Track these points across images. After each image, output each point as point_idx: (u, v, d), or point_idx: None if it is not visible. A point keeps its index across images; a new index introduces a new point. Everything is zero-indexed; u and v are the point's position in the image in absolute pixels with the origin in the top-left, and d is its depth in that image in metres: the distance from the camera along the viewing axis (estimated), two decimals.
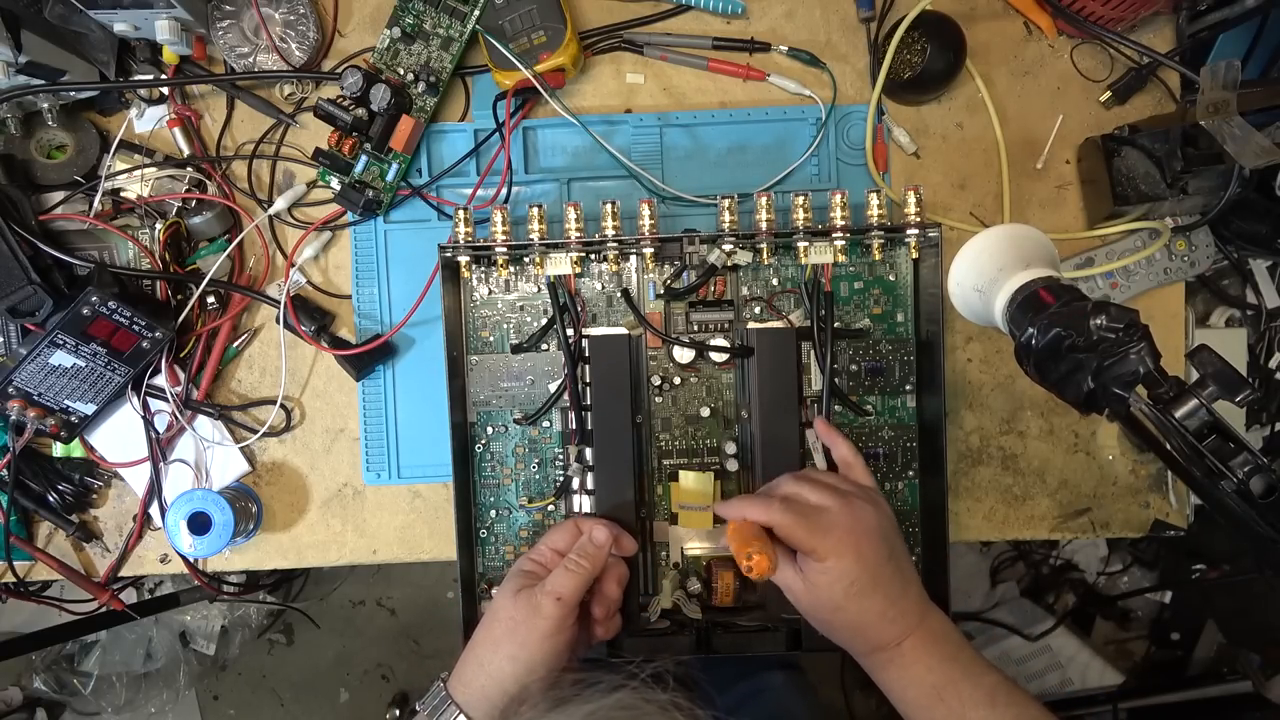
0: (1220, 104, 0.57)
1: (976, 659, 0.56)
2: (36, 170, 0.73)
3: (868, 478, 0.63)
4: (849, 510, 0.57)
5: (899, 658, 0.56)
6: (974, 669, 0.56)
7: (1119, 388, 0.47)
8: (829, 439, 0.66)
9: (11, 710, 1.62)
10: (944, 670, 0.55)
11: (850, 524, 0.56)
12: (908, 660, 0.56)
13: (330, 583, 1.72)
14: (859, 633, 0.57)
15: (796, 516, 0.56)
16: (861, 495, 0.59)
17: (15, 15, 0.64)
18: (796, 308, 0.70)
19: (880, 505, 0.60)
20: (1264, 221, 0.71)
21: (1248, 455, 0.45)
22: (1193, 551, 1.35)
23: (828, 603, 0.56)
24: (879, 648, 0.57)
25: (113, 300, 0.65)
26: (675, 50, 0.74)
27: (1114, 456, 0.75)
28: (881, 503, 0.60)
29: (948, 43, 0.69)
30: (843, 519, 0.56)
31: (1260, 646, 1.31)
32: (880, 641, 0.57)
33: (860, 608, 0.56)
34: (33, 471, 0.73)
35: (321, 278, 0.75)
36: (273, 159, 0.74)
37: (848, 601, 0.56)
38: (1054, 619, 1.51)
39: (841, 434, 0.66)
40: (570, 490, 0.70)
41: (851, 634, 0.57)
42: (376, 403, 0.74)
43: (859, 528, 0.56)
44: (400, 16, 0.70)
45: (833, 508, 0.57)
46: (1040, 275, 0.55)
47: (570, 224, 0.66)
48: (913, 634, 0.56)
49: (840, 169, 0.73)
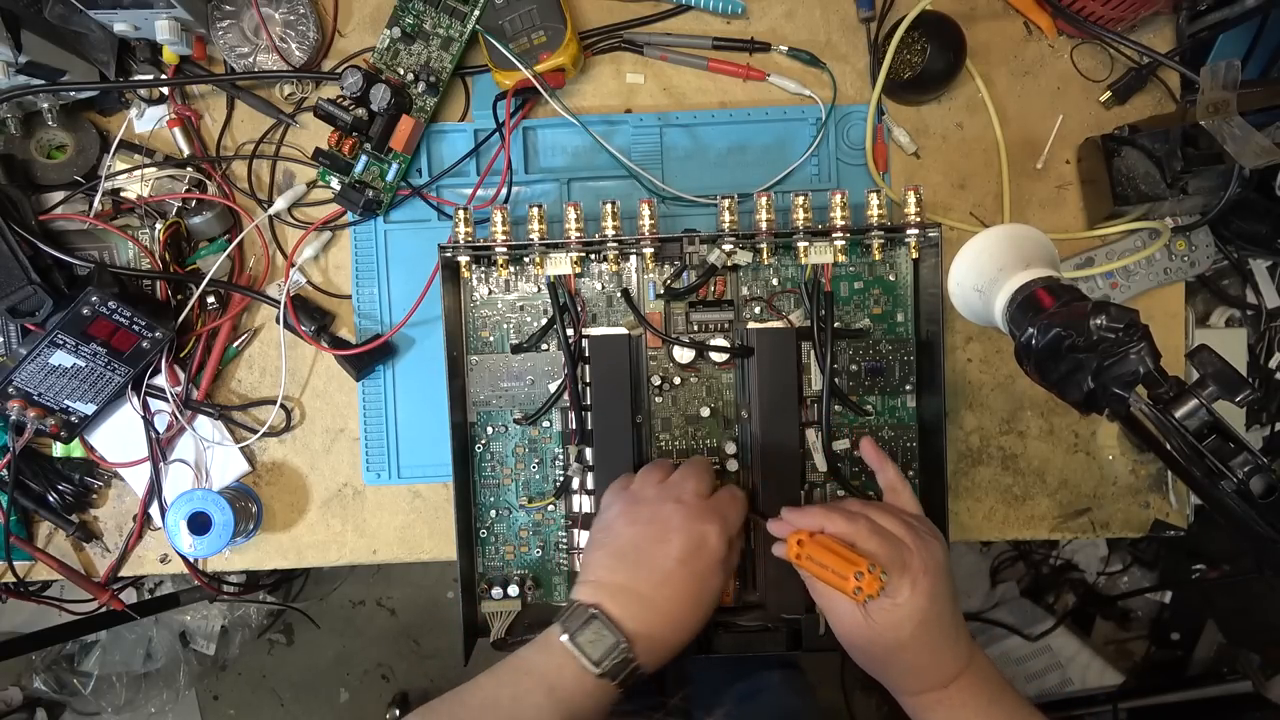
0: (1220, 104, 0.57)
1: (1021, 702, 0.55)
2: (36, 170, 0.73)
3: (917, 505, 0.61)
4: (924, 546, 0.55)
5: (946, 700, 0.55)
6: (1020, 713, 0.55)
7: (1119, 388, 0.47)
8: (877, 462, 0.63)
9: (11, 710, 1.62)
10: (990, 713, 0.54)
11: (925, 560, 0.54)
12: (955, 703, 0.55)
13: (330, 583, 1.72)
14: (914, 673, 0.55)
15: (880, 540, 0.53)
16: (929, 530, 0.57)
17: (15, 15, 0.64)
18: (796, 308, 0.70)
19: (942, 540, 0.58)
20: (1264, 221, 0.71)
21: (1248, 455, 0.45)
22: (1193, 551, 1.35)
23: (891, 641, 0.54)
24: (929, 689, 0.55)
25: (113, 300, 0.65)
26: (675, 50, 0.74)
27: (1114, 456, 0.75)
28: (941, 536, 0.58)
29: (948, 43, 0.69)
30: (919, 554, 0.54)
31: (1260, 646, 1.31)
32: (932, 683, 0.55)
33: (922, 648, 0.54)
34: (33, 471, 0.73)
35: (321, 278, 0.75)
36: (273, 159, 0.74)
37: (913, 640, 0.53)
38: (1054, 619, 1.51)
39: (890, 458, 0.63)
40: (570, 490, 0.70)
41: (904, 673, 0.55)
42: (376, 403, 0.74)
43: (933, 564, 0.54)
44: (400, 16, 0.70)
45: (908, 541, 0.54)
46: (1040, 275, 0.55)
47: (570, 224, 0.66)
48: (961, 675, 0.55)
49: (840, 169, 0.73)
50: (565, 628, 0.53)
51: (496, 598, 0.70)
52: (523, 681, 0.52)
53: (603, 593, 0.54)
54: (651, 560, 0.55)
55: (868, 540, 0.53)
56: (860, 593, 0.51)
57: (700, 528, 0.57)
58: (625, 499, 0.60)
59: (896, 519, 0.56)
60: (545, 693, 0.51)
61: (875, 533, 0.54)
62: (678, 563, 0.55)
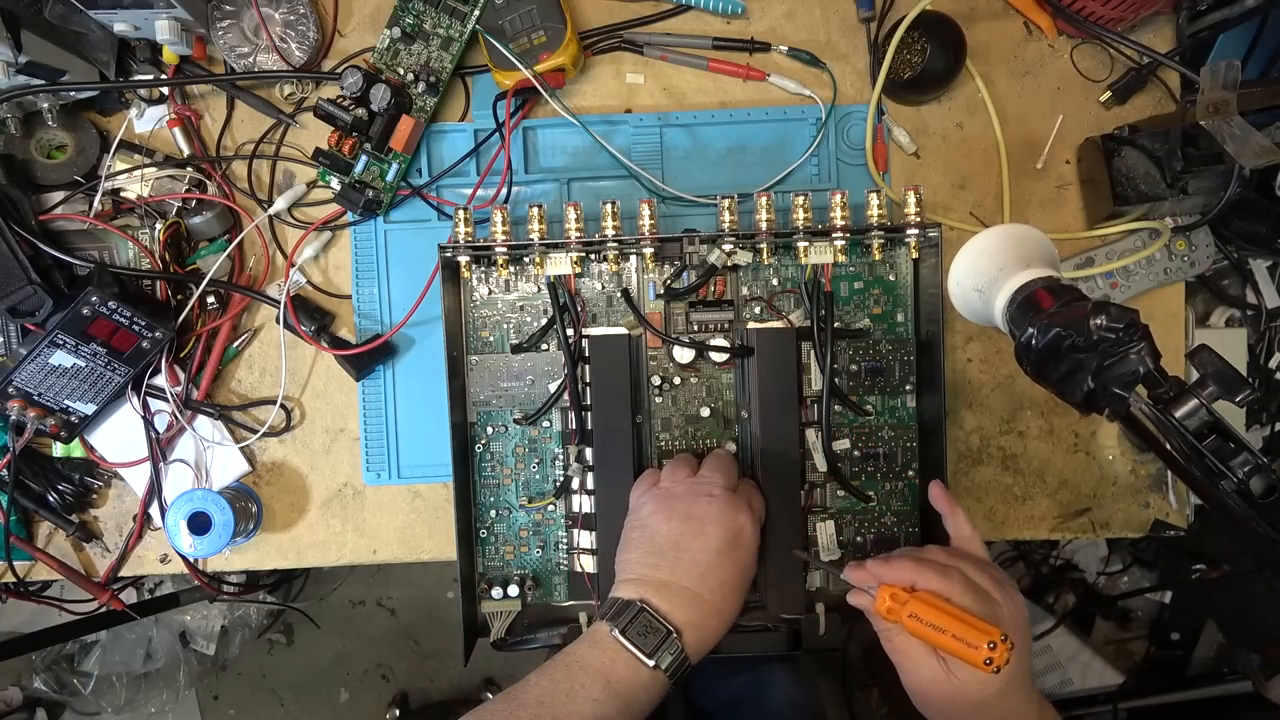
0: (1220, 104, 0.57)
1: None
2: (36, 170, 0.73)
3: (986, 553, 0.59)
4: (1012, 601, 0.53)
5: None
6: None
7: (1119, 388, 0.47)
8: (948, 509, 0.61)
9: (11, 710, 1.62)
10: None
11: (1014, 616, 0.53)
12: None
13: (330, 583, 1.72)
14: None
15: (979, 600, 0.52)
16: (1012, 584, 0.56)
17: (15, 15, 0.64)
18: (796, 308, 0.70)
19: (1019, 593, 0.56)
20: (1264, 221, 0.71)
21: (1248, 455, 0.45)
22: (1193, 551, 1.35)
23: (976, 699, 0.52)
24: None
25: (113, 300, 0.65)
26: (675, 50, 0.73)
27: (1114, 456, 0.75)
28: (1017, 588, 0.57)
29: (948, 43, 0.69)
30: (1008, 611, 0.53)
31: (1260, 646, 1.31)
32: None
33: (1005, 707, 0.53)
34: (33, 471, 0.73)
35: (321, 278, 0.75)
36: (273, 159, 0.74)
37: (998, 698, 0.52)
38: (1054, 619, 1.51)
39: (961, 507, 0.60)
40: (570, 490, 0.70)
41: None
42: (376, 403, 0.74)
43: (1020, 621, 0.53)
44: (400, 16, 0.70)
45: (998, 597, 0.53)
46: (1040, 275, 0.55)
47: (570, 224, 0.66)
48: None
49: (840, 169, 0.73)
50: (614, 623, 0.54)
51: (496, 598, 0.70)
52: (577, 677, 0.53)
53: (647, 588, 0.56)
54: (692, 554, 0.57)
55: (963, 597, 0.52)
56: (991, 663, 0.49)
57: (736, 519, 0.59)
58: (657, 496, 0.61)
59: (985, 574, 0.55)
60: (602, 686, 0.52)
61: (969, 589, 0.52)
62: (718, 554, 0.57)
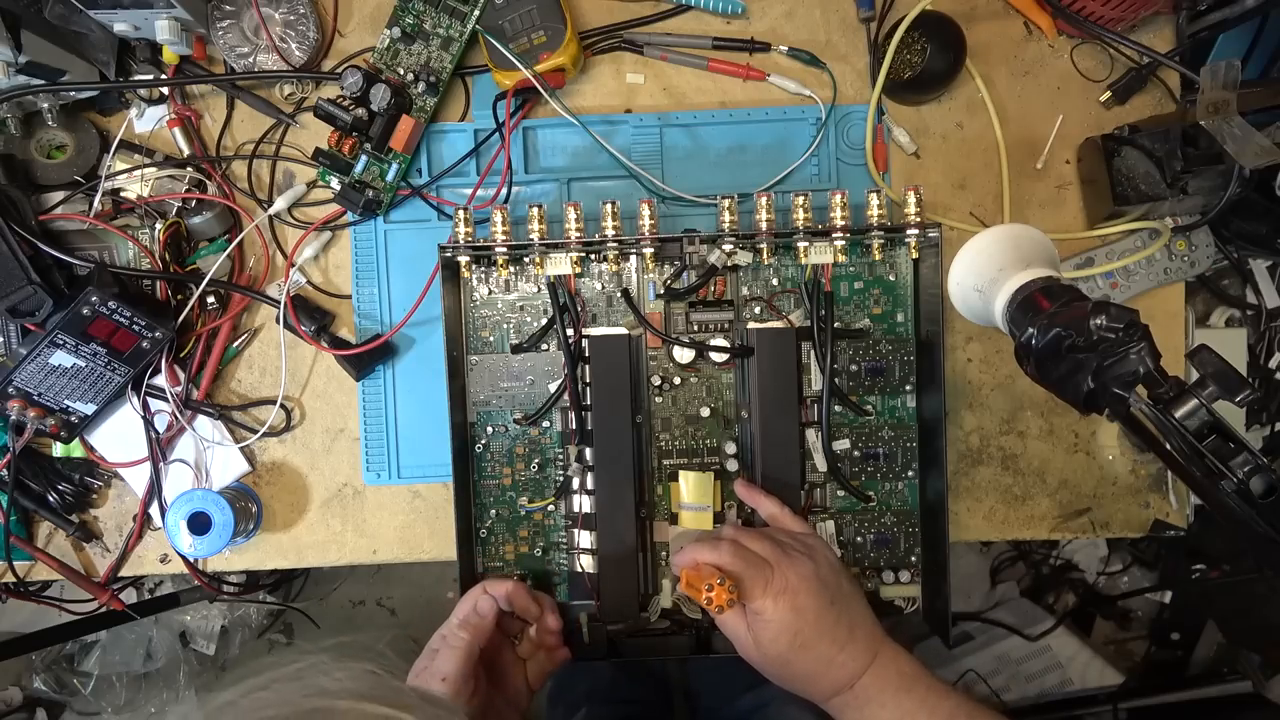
0: (1220, 104, 0.57)
1: (934, 686, 0.57)
2: (36, 170, 0.73)
3: (799, 524, 0.64)
4: (786, 561, 0.57)
5: (854, 700, 0.57)
6: (930, 697, 0.56)
7: (1119, 388, 0.47)
8: (753, 500, 0.67)
9: (11, 710, 1.62)
10: (899, 704, 0.56)
11: (787, 575, 0.56)
12: (862, 700, 0.57)
13: (330, 583, 1.72)
14: (811, 681, 0.57)
15: (742, 562, 0.57)
16: (796, 544, 0.60)
17: (15, 15, 0.64)
18: (796, 308, 0.70)
19: (816, 550, 0.60)
20: (1264, 221, 0.71)
21: (1248, 455, 0.45)
22: (1193, 551, 1.35)
23: (776, 654, 0.56)
24: (835, 692, 0.57)
25: (113, 300, 0.65)
26: (675, 50, 0.73)
27: (1114, 456, 0.75)
28: (818, 546, 0.61)
29: (948, 43, 0.69)
30: (781, 570, 0.57)
31: (1260, 646, 1.30)
32: (834, 687, 0.57)
33: (806, 658, 0.56)
34: (33, 471, 0.73)
35: (321, 278, 0.75)
36: (273, 159, 0.74)
37: (792, 654, 0.56)
38: (1054, 619, 1.51)
39: (762, 491, 0.66)
40: (570, 490, 0.70)
41: (805, 683, 0.58)
42: (376, 403, 0.74)
43: (794, 579, 0.56)
44: (400, 16, 0.70)
45: (770, 559, 0.57)
46: (1040, 275, 0.55)
47: (570, 224, 0.66)
48: (865, 674, 0.57)
49: (840, 169, 0.73)
50: None
51: None
52: None
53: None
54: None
55: (731, 562, 0.57)
56: (711, 603, 0.54)
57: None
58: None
59: (764, 540, 0.59)
60: None
61: (738, 555, 0.57)
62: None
